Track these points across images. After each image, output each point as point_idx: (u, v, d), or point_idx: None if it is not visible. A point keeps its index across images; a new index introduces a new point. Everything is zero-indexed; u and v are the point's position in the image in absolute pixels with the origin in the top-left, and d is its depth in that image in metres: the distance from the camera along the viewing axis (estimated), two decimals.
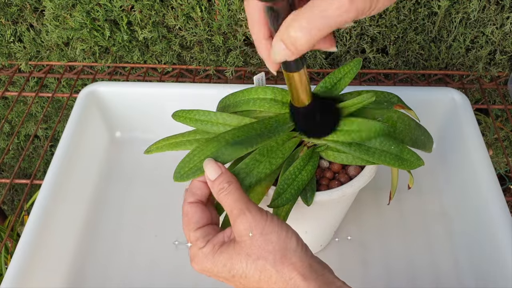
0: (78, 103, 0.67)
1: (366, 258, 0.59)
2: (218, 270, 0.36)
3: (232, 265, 0.36)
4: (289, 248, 0.35)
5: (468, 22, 0.73)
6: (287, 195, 0.42)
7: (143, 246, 0.61)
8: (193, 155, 0.42)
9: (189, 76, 0.81)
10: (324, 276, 0.35)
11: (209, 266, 0.37)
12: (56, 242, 0.57)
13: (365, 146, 0.43)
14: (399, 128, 0.45)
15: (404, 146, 0.43)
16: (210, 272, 0.37)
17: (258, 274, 0.35)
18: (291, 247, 0.35)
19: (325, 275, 0.35)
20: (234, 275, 0.36)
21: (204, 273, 0.38)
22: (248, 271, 0.35)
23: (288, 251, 0.35)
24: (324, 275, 0.35)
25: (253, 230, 0.35)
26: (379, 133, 0.42)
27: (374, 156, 0.42)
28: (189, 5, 0.72)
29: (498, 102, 0.84)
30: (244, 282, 0.36)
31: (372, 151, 0.43)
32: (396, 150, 0.43)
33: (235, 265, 0.35)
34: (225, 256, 0.36)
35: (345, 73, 0.47)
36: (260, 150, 0.43)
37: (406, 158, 0.43)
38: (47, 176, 0.58)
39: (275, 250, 0.35)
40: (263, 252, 0.35)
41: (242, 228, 0.35)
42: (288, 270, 0.34)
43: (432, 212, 0.64)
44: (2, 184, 1.10)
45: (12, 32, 0.80)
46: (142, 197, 0.66)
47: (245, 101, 0.49)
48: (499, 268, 0.52)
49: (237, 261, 0.35)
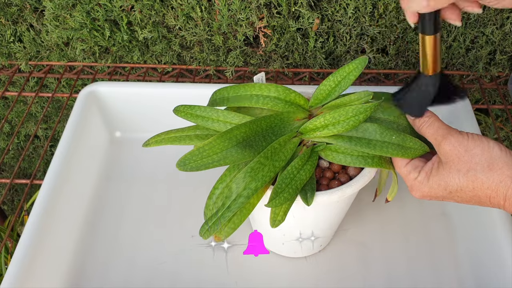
0: (78, 103, 0.67)
1: (366, 258, 0.59)
2: (435, 191, 0.41)
3: (446, 183, 0.40)
4: (494, 156, 0.38)
5: (468, 22, 0.73)
6: (285, 194, 0.42)
7: (143, 246, 0.61)
8: (203, 150, 0.42)
9: (189, 76, 0.81)
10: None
11: (426, 190, 0.41)
12: (56, 242, 0.57)
13: (366, 140, 0.43)
14: (402, 124, 0.45)
15: (407, 135, 0.43)
16: (429, 195, 0.42)
17: (472, 184, 0.39)
18: (495, 155, 0.38)
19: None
20: (450, 191, 0.40)
21: (424, 198, 0.42)
22: (462, 183, 0.39)
23: (494, 159, 0.38)
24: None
25: (458, 149, 0.39)
26: (365, 110, 0.43)
27: (376, 148, 0.42)
28: (189, 5, 0.72)
29: (498, 102, 0.84)
30: (460, 194, 0.40)
31: (373, 144, 0.43)
32: (398, 140, 0.43)
33: (449, 182, 0.40)
34: (438, 177, 0.41)
35: (350, 71, 0.47)
36: (265, 152, 0.43)
37: (409, 146, 0.43)
38: (47, 176, 0.58)
39: (481, 161, 0.38)
40: (472, 164, 0.39)
41: (447, 149, 0.40)
42: (497, 175, 0.38)
43: (432, 212, 0.64)
44: (2, 184, 1.10)
45: (12, 32, 0.80)
46: (141, 197, 0.66)
47: (248, 96, 0.48)
48: (499, 268, 0.52)
49: (450, 178, 0.40)
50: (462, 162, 0.39)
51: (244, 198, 0.41)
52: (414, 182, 0.42)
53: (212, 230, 0.42)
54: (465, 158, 0.39)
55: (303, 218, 0.51)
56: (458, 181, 0.39)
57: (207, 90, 0.68)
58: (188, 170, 0.42)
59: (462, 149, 0.39)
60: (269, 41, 0.76)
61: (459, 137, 0.40)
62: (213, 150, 0.42)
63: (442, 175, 0.40)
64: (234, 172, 0.44)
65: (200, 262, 0.59)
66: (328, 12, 0.72)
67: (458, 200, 0.41)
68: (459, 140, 0.39)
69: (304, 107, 0.48)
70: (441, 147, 0.40)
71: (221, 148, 0.42)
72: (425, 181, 0.41)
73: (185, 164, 0.42)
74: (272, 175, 0.42)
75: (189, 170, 0.42)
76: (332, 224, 0.55)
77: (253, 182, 0.42)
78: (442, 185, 0.40)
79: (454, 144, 0.39)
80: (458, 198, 0.40)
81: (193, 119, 0.47)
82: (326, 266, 0.58)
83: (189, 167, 0.42)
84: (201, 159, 0.42)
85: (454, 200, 0.41)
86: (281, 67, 0.79)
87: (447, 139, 0.40)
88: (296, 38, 0.75)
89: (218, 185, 0.44)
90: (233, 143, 0.43)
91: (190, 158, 0.42)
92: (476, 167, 0.38)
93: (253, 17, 0.72)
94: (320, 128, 0.45)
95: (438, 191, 0.41)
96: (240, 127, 0.44)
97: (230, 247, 0.59)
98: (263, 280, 0.57)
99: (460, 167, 0.39)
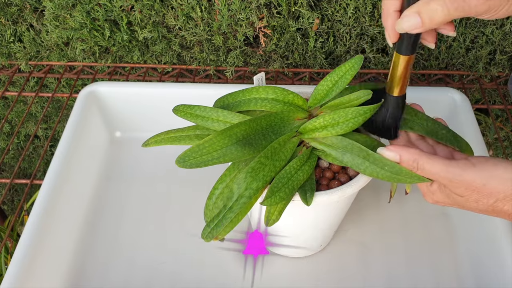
0: (78, 103, 0.67)
1: (366, 258, 0.59)
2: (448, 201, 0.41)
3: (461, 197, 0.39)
4: (492, 175, 0.37)
5: (468, 22, 0.73)
6: (281, 193, 0.42)
7: (143, 246, 0.61)
8: (203, 147, 0.42)
9: (189, 76, 0.81)
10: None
11: (440, 197, 0.42)
12: (56, 242, 0.57)
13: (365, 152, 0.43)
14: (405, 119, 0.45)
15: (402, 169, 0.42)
16: (441, 202, 0.42)
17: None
18: (495, 174, 0.37)
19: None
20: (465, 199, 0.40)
21: (437, 204, 0.43)
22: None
23: (491, 179, 0.37)
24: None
25: (455, 181, 0.38)
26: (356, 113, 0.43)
27: (366, 171, 0.42)
28: (189, 5, 0.72)
29: (498, 102, 0.84)
30: (474, 196, 0.39)
31: (363, 168, 0.42)
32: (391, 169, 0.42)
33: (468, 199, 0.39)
34: (445, 193, 0.41)
35: (346, 71, 0.47)
36: (265, 152, 0.43)
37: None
38: (47, 176, 0.58)
39: (478, 188, 0.38)
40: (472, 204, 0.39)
41: (447, 182, 0.39)
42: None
43: (432, 212, 0.64)
44: (2, 184, 1.10)
45: (12, 32, 0.80)
46: (141, 197, 0.66)
47: (246, 101, 0.49)
48: (499, 268, 0.52)
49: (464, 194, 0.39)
50: (465, 200, 0.39)
51: (246, 198, 0.41)
52: (427, 189, 0.42)
53: (215, 232, 0.42)
54: (470, 195, 0.39)
55: (303, 218, 0.51)
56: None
57: (207, 90, 0.69)
58: (188, 167, 0.42)
59: (459, 184, 0.38)
60: (269, 41, 0.76)
61: (456, 170, 0.38)
62: (213, 147, 0.42)
63: (447, 194, 0.41)
64: (234, 172, 0.44)
65: (200, 262, 0.59)
66: (328, 12, 0.72)
67: (473, 205, 0.40)
68: (455, 174, 0.38)
69: (302, 107, 0.48)
70: (443, 178, 0.39)
71: (221, 145, 0.43)
72: (437, 192, 0.42)
73: (184, 161, 0.42)
74: (272, 174, 0.43)
75: (188, 167, 0.42)
76: (332, 224, 0.55)
77: (254, 182, 0.42)
78: (453, 197, 0.41)
79: (451, 178, 0.38)
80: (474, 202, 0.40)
81: (193, 119, 0.47)
82: (326, 266, 0.58)
83: (189, 163, 0.42)
84: (200, 156, 0.42)
85: (470, 203, 0.40)
86: (281, 67, 0.79)
87: (444, 177, 0.39)
88: (296, 38, 0.75)
89: (218, 185, 0.44)
90: (233, 140, 0.43)
91: (189, 155, 0.42)
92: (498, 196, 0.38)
93: (253, 17, 0.72)
94: (320, 128, 0.45)
95: (450, 199, 0.41)
96: (240, 125, 0.44)
97: (230, 246, 0.59)
98: (263, 280, 0.57)
99: (463, 193, 0.39)
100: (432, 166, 0.39)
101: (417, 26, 0.37)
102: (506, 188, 0.37)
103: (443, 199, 0.42)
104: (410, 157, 0.40)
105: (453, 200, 0.40)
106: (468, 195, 0.39)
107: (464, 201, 0.39)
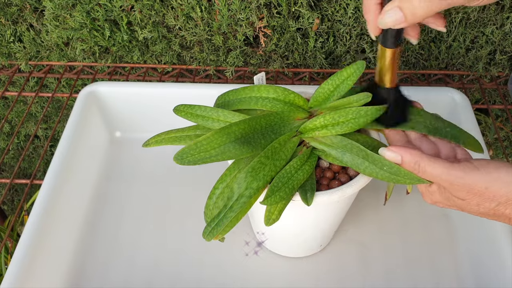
0: (78, 103, 0.67)
1: (366, 258, 0.59)
2: (445, 202, 0.41)
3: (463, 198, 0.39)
4: (494, 178, 0.37)
5: (468, 22, 0.73)
6: (281, 193, 0.42)
7: (143, 246, 0.61)
8: (201, 145, 0.42)
9: (189, 76, 0.81)
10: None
11: (439, 199, 0.42)
12: (56, 242, 0.57)
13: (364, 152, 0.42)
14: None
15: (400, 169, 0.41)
16: (440, 202, 0.42)
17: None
18: (498, 176, 0.37)
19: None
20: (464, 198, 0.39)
21: (436, 204, 0.43)
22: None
23: (493, 182, 0.37)
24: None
25: (456, 184, 0.38)
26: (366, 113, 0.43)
27: (365, 171, 0.42)
28: (189, 5, 0.72)
29: (498, 102, 0.84)
30: (475, 199, 0.39)
31: (363, 168, 0.42)
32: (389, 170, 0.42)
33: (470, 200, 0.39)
34: (445, 195, 0.41)
35: (348, 76, 0.46)
36: (265, 152, 0.43)
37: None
38: (47, 176, 0.58)
39: (480, 191, 0.37)
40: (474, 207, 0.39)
41: (448, 184, 0.39)
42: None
43: (432, 213, 0.64)
44: (2, 184, 1.10)
45: (12, 32, 0.80)
46: (142, 197, 0.66)
47: (247, 99, 0.49)
48: (499, 268, 0.52)
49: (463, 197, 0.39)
50: (466, 203, 0.39)
51: (246, 198, 0.42)
52: (425, 190, 0.42)
53: (215, 231, 0.42)
54: (472, 199, 0.38)
55: (303, 218, 0.51)
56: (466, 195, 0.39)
57: (207, 90, 0.69)
58: (186, 164, 0.42)
59: (461, 187, 0.38)
60: (269, 41, 0.76)
61: (458, 173, 0.38)
62: (211, 145, 0.42)
63: (447, 197, 0.40)
64: (234, 172, 0.44)
65: (200, 262, 0.59)
66: (328, 12, 0.72)
67: (475, 207, 0.40)
68: (458, 177, 0.38)
69: (303, 107, 0.48)
70: (443, 181, 0.39)
71: (219, 143, 0.43)
72: (436, 193, 0.41)
73: (182, 158, 0.42)
74: (273, 174, 0.43)
75: (186, 164, 0.42)
76: (332, 224, 0.55)
77: (254, 181, 0.42)
78: (452, 199, 0.40)
79: (452, 181, 0.38)
80: (475, 202, 0.39)
81: (193, 119, 0.47)
82: (326, 266, 0.58)
83: (187, 161, 0.42)
84: (198, 153, 0.42)
85: (470, 203, 0.40)
86: (281, 67, 0.79)
87: (445, 180, 0.39)
88: (296, 38, 0.75)
89: (218, 185, 0.44)
90: (231, 138, 0.43)
91: (187, 152, 0.42)
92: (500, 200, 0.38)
93: (253, 17, 0.72)
94: (320, 128, 0.45)
95: (448, 200, 0.41)
96: (239, 123, 0.44)
97: (230, 246, 0.59)
98: (263, 280, 0.57)
99: (462, 195, 0.39)
100: (434, 169, 0.38)
101: (400, 21, 0.36)
102: (509, 192, 0.36)
103: (442, 201, 0.41)
104: (412, 159, 0.39)
105: (453, 202, 0.40)
106: (470, 199, 0.38)
107: (465, 204, 0.39)
